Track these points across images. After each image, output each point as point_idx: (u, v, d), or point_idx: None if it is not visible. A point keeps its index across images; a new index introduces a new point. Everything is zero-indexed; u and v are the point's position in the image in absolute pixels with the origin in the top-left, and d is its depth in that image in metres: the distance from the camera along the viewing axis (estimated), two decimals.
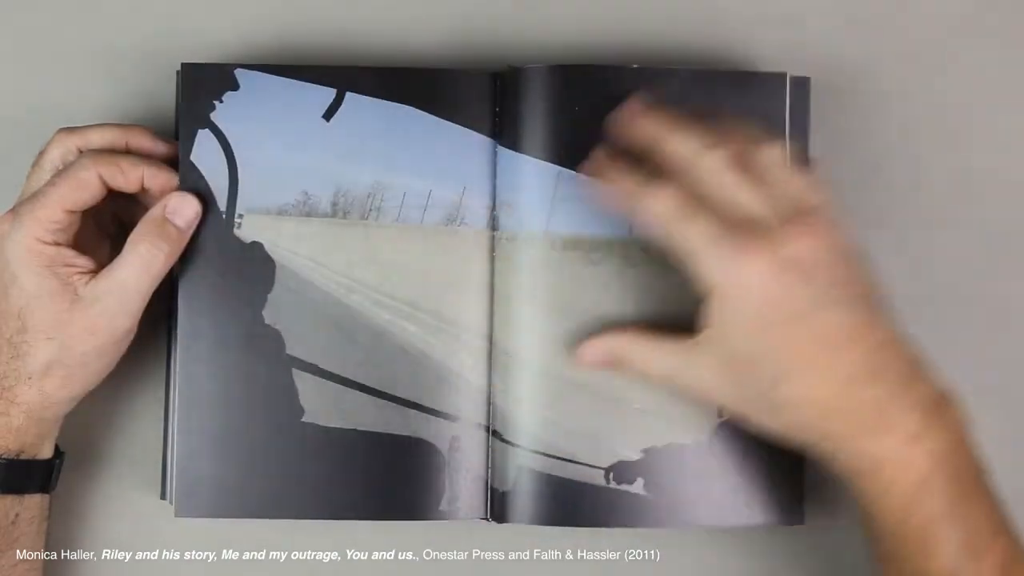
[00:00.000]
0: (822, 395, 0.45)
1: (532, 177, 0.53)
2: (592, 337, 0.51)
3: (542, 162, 0.53)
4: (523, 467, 0.53)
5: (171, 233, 0.52)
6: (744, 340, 0.45)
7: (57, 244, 0.51)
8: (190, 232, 0.53)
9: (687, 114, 0.49)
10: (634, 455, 0.53)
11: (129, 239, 0.52)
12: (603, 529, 0.54)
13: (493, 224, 0.55)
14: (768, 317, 0.45)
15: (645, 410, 0.53)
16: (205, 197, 0.53)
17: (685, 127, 0.48)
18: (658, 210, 0.46)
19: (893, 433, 0.45)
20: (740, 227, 0.45)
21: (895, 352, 0.46)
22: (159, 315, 0.55)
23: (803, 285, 0.44)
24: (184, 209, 0.52)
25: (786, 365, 0.45)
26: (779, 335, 0.45)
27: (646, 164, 0.49)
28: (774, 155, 0.48)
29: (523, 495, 0.53)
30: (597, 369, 0.52)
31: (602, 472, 0.53)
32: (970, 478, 0.45)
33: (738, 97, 0.54)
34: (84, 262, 0.51)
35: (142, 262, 0.51)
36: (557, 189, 0.53)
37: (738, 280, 0.45)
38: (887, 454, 0.45)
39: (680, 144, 0.48)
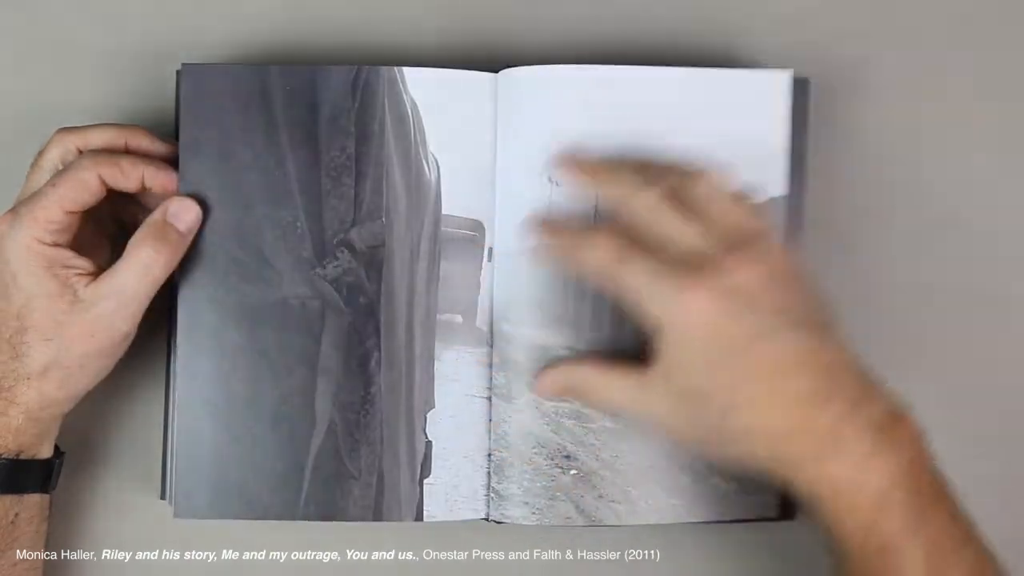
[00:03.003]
0: (772, 423, 0.45)
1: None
2: (550, 368, 0.52)
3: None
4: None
5: (172, 237, 0.52)
6: (692, 374, 0.46)
7: (56, 245, 0.51)
8: (191, 236, 0.52)
9: (622, 157, 0.50)
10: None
11: (130, 243, 0.52)
12: (602, 528, 0.54)
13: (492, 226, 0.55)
14: (714, 349, 0.45)
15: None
16: (205, 200, 0.53)
17: (617, 169, 0.49)
18: (596, 257, 0.47)
19: (847, 456, 0.44)
20: (680, 262, 0.45)
21: (844, 374, 0.45)
22: (159, 316, 0.55)
23: (747, 313, 0.44)
24: (184, 213, 0.52)
25: (735, 396, 0.45)
26: (726, 366, 0.45)
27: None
28: (711, 185, 0.48)
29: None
30: (555, 397, 0.52)
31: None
32: (930, 492, 0.45)
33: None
34: (83, 263, 0.51)
35: (142, 266, 0.51)
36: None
37: (681, 316, 0.45)
38: (842, 477, 0.44)
39: (613, 186, 0.48)
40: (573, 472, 0.54)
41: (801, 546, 0.58)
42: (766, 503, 0.54)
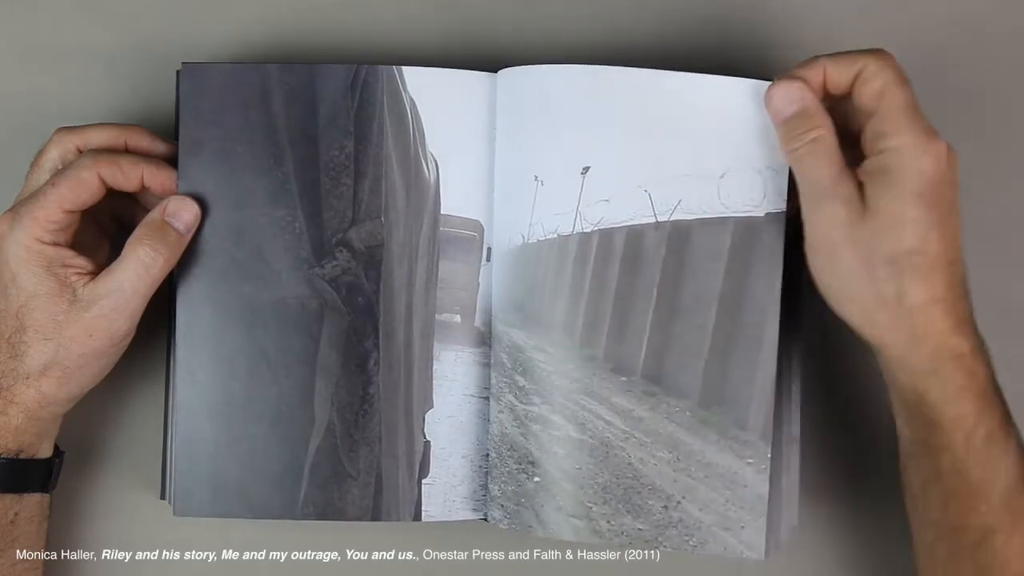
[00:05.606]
0: (936, 285, 0.48)
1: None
2: (792, 82, 0.50)
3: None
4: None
5: (170, 237, 0.52)
6: (899, 199, 0.48)
7: (56, 244, 0.51)
8: (189, 235, 0.53)
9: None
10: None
11: (128, 242, 0.52)
12: None
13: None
14: (929, 192, 0.47)
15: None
16: (204, 200, 0.53)
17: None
18: (880, 66, 0.48)
19: (951, 347, 0.48)
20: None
21: (964, 293, 0.49)
22: (159, 315, 0.55)
23: (953, 189, 0.48)
24: (183, 213, 0.52)
25: (924, 237, 0.48)
26: (930, 214, 0.47)
27: None
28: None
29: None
30: (780, 112, 0.51)
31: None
32: (988, 401, 0.49)
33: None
34: (83, 263, 0.51)
35: (141, 265, 0.51)
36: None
37: (923, 147, 0.48)
38: (943, 360, 0.48)
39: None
40: (536, 479, 0.53)
41: (803, 546, 0.58)
42: (751, 541, 0.52)
